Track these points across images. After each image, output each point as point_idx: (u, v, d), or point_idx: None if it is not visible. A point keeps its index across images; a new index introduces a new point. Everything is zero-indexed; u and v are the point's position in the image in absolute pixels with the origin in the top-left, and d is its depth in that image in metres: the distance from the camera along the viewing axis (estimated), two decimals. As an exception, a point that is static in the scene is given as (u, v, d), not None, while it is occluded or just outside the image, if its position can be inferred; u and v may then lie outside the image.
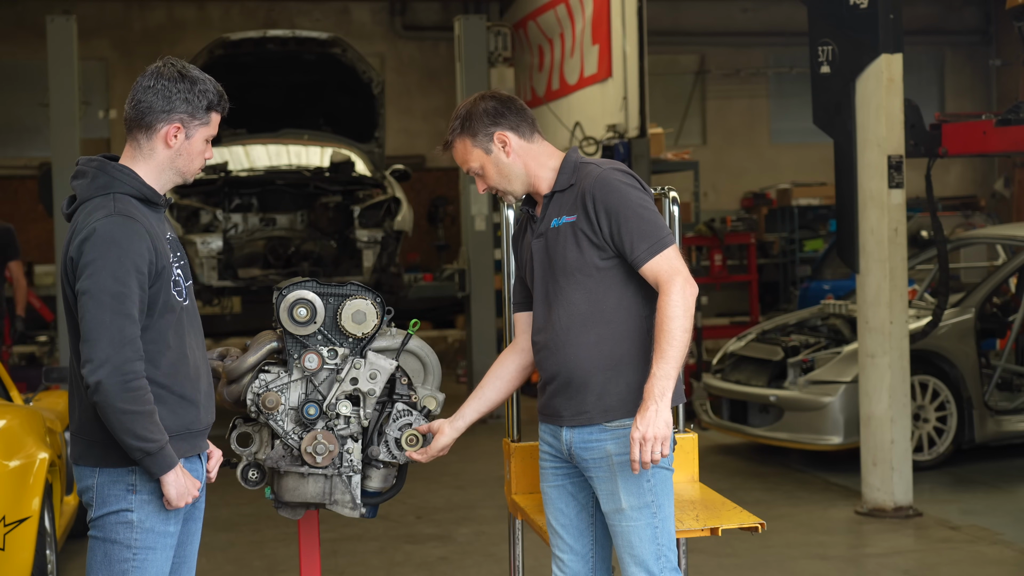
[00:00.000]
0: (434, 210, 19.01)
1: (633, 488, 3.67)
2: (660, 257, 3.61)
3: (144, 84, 3.49)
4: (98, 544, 3.47)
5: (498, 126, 3.77)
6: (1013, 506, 7.92)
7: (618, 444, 3.67)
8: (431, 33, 19.38)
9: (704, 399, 9.94)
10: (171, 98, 3.47)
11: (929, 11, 20.82)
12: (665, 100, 19.72)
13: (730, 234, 13.23)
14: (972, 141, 8.24)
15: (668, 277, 3.59)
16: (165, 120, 3.48)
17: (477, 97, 3.83)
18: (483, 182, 3.85)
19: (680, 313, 3.55)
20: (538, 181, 3.80)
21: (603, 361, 3.68)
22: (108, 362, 3.28)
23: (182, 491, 3.42)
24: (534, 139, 3.82)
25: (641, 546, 3.68)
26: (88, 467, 3.47)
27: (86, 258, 3.33)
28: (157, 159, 3.51)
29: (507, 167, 3.79)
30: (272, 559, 6.97)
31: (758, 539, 6.81)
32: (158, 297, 3.42)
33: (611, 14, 13.07)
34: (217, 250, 10.80)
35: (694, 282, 3.63)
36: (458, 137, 3.80)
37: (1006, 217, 18.54)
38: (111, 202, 3.40)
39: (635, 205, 3.63)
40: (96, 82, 18.35)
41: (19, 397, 6.55)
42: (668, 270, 3.60)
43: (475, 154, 3.79)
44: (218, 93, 3.55)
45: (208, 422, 3.60)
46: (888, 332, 7.57)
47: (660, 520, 3.70)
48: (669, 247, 3.63)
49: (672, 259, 3.62)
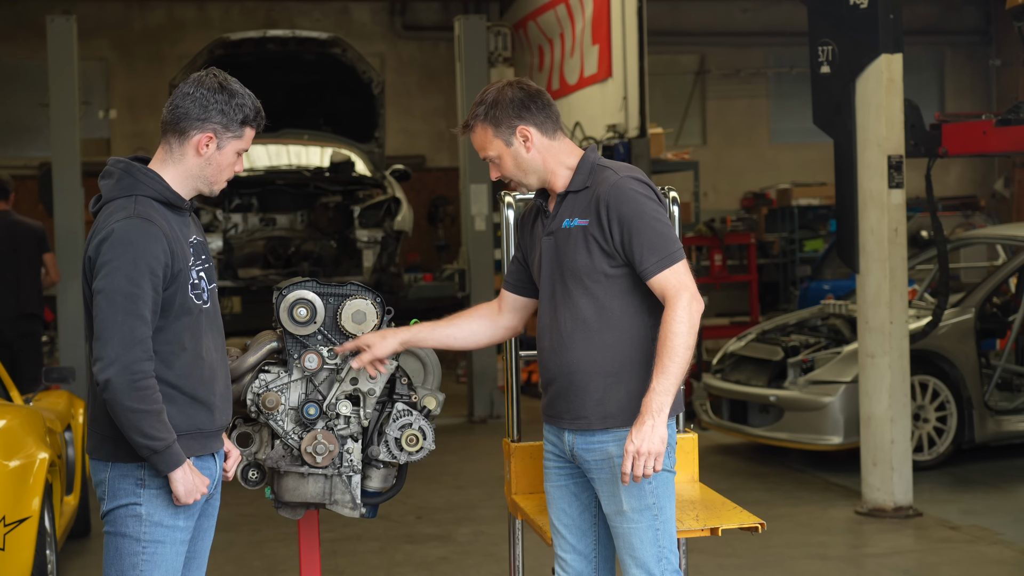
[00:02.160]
0: (434, 210, 19.01)
1: (634, 490, 3.66)
2: (669, 271, 3.60)
3: (184, 91, 3.56)
4: (110, 538, 3.54)
5: (522, 120, 3.74)
6: (1013, 506, 7.92)
7: (620, 446, 3.66)
8: (431, 33, 19.38)
9: (704, 399, 9.94)
10: (208, 107, 3.53)
11: (929, 11, 20.81)
12: (665, 100, 19.72)
13: (730, 234, 13.23)
14: (972, 141, 8.24)
15: (675, 292, 3.58)
16: (199, 128, 3.54)
17: (505, 84, 3.79)
18: (497, 170, 3.82)
19: (684, 329, 3.54)
20: (554, 178, 3.78)
21: (605, 367, 3.67)
22: (117, 361, 3.35)
23: (190, 488, 3.47)
24: (556, 136, 3.79)
25: (642, 548, 3.68)
26: (101, 461, 3.55)
27: (103, 258, 3.40)
28: (186, 165, 3.57)
29: (526, 162, 3.76)
30: (272, 559, 6.97)
31: (758, 539, 6.81)
32: (174, 299, 3.47)
33: (611, 14, 13.06)
34: (217, 250, 10.81)
35: (701, 299, 3.63)
36: (480, 123, 3.76)
37: (1006, 217, 18.54)
38: (132, 204, 3.47)
39: (649, 217, 3.61)
40: (96, 82, 18.35)
41: (19, 397, 6.55)
42: (676, 285, 3.59)
43: (495, 144, 3.76)
44: (255, 109, 3.62)
45: (223, 423, 3.65)
46: (888, 332, 7.57)
47: (662, 522, 3.70)
48: (679, 262, 3.62)
49: (681, 274, 3.61)
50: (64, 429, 6.64)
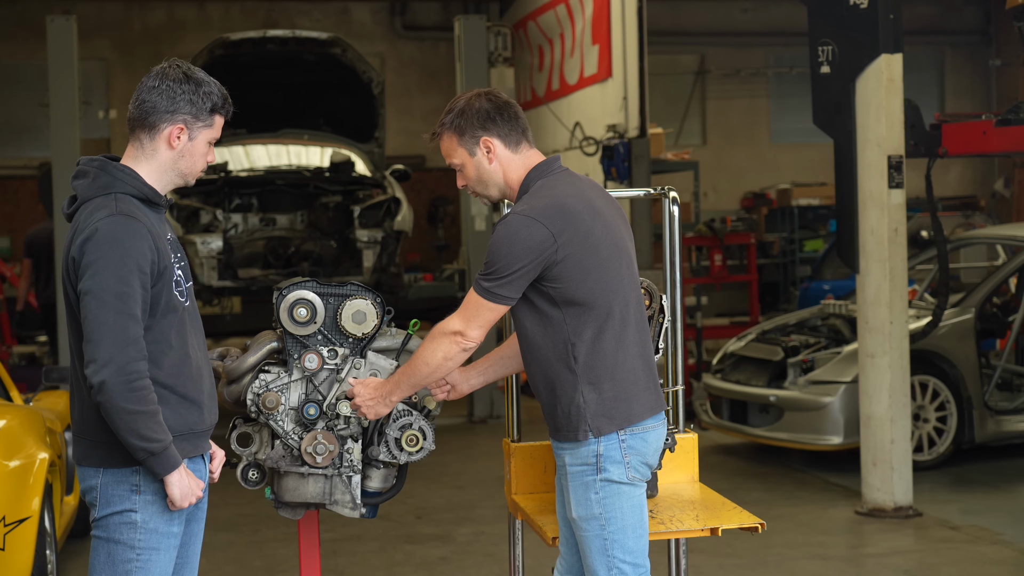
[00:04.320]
0: (434, 210, 19.02)
1: (582, 499, 3.71)
2: (472, 293, 3.65)
3: (149, 84, 3.48)
4: (101, 544, 3.47)
5: (487, 131, 3.74)
6: (1013, 506, 7.92)
7: (572, 455, 3.71)
8: (431, 33, 19.38)
9: (704, 399, 9.94)
10: (175, 99, 3.47)
11: (929, 11, 20.82)
12: (665, 100, 19.73)
13: (730, 234, 13.22)
14: (972, 141, 8.24)
15: (458, 313, 3.67)
16: (169, 121, 3.47)
17: (474, 95, 3.80)
18: (462, 179, 3.85)
19: (433, 348, 3.67)
20: (512, 193, 3.81)
21: (541, 385, 3.74)
22: (112, 362, 3.28)
23: (186, 491, 3.42)
24: (520, 149, 3.78)
25: (592, 556, 3.72)
26: (91, 467, 3.46)
27: (88, 258, 3.32)
28: (159, 160, 3.50)
29: (487, 173, 3.78)
30: (272, 559, 6.97)
31: (758, 539, 6.81)
32: (160, 297, 3.41)
33: (611, 14, 13.07)
34: (217, 250, 10.80)
35: (471, 338, 3.65)
36: (446, 131, 3.79)
37: (1006, 217, 18.54)
38: (112, 202, 3.39)
39: (502, 251, 3.58)
40: (96, 82, 18.36)
41: (19, 397, 6.55)
42: (463, 306, 3.66)
43: (459, 152, 3.78)
44: (222, 96, 3.55)
45: (211, 422, 3.60)
46: (888, 332, 7.57)
47: (610, 533, 3.69)
48: (483, 295, 3.61)
49: (475, 304, 3.63)
50: (64, 429, 6.64)
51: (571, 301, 3.63)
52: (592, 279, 3.64)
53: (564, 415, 3.69)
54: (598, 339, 3.65)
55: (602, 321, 3.65)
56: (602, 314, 3.65)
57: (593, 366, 3.65)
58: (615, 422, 3.66)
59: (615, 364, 3.67)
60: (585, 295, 3.64)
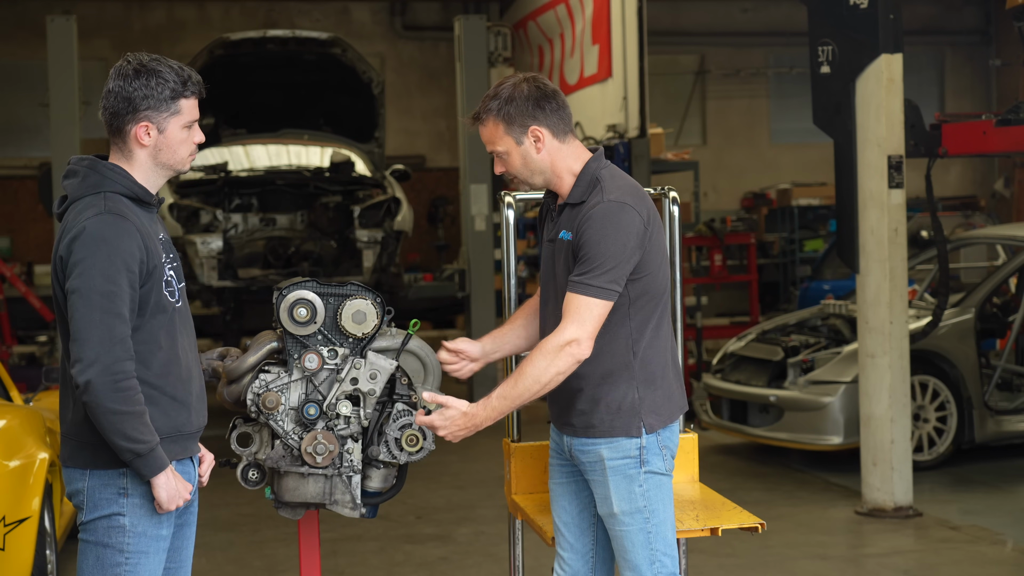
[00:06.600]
0: (434, 210, 19.02)
1: (624, 493, 3.68)
2: (581, 297, 3.53)
3: (107, 88, 3.43)
4: (89, 548, 3.44)
5: (536, 120, 3.66)
6: (1013, 506, 7.92)
7: (611, 449, 3.68)
8: (431, 33, 19.39)
9: (704, 399, 9.93)
10: (131, 98, 3.40)
11: (929, 11, 20.82)
12: (665, 100, 19.73)
13: (730, 234, 13.22)
14: (972, 141, 8.24)
15: (566, 322, 3.54)
16: (132, 121, 3.42)
17: (522, 79, 3.71)
18: (503, 166, 3.77)
19: (543, 365, 3.53)
20: (560, 182, 3.74)
21: (585, 380, 3.67)
22: (98, 361, 3.25)
23: (172, 494, 3.38)
24: (567, 139, 3.72)
25: (634, 551, 3.70)
26: (78, 469, 3.43)
27: (76, 257, 3.29)
28: (139, 159, 3.46)
29: (535, 162, 3.70)
30: (272, 559, 6.97)
31: (758, 539, 6.81)
32: (149, 297, 3.38)
33: (611, 14, 13.06)
34: (217, 250, 10.80)
35: (584, 345, 3.53)
36: (492, 117, 3.69)
37: (1006, 217, 18.54)
38: (101, 201, 3.36)
39: (606, 242, 3.52)
40: (96, 82, 18.24)
41: (19, 397, 6.55)
42: (573, 314, 3.53)
43: (505, 140, 3.70)
44: (181, 79, 3.44)
45: (200, 425, 3.56)
46: (888, 332, 7.57)
47: (654, 525, 3.70)
48: (595, 297, 3.52)
49: (585, 307, 3.52)
50: (64, 429, 6.63)
51: (645, 291, 3.61)
52: (664, 269, 3.66)
53: (610, 410, 3.65)
54: (656, 335, 3.64)
55: (660, 315, 3.65)
56: (662, 307, 3.65)
57: (649, 361, 3.65)
58: (663, 419, 3.67)
59: (665, 362, 3.70)
60: (659, 285, 3.64)
